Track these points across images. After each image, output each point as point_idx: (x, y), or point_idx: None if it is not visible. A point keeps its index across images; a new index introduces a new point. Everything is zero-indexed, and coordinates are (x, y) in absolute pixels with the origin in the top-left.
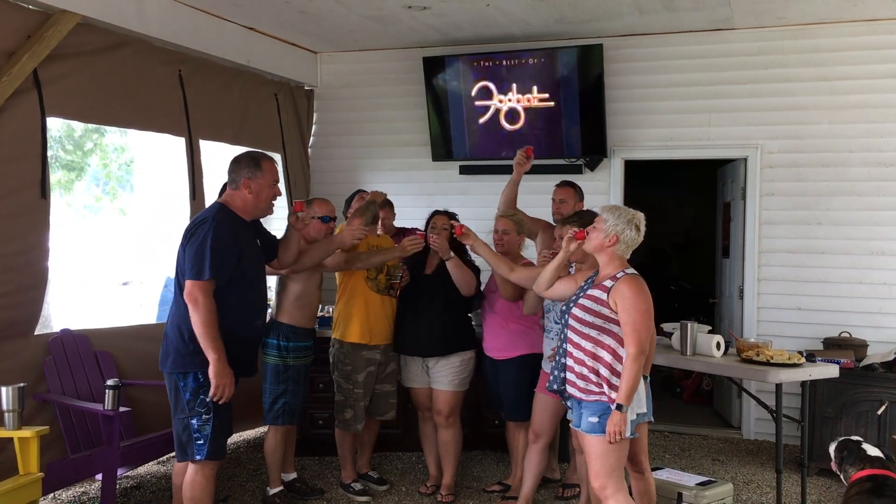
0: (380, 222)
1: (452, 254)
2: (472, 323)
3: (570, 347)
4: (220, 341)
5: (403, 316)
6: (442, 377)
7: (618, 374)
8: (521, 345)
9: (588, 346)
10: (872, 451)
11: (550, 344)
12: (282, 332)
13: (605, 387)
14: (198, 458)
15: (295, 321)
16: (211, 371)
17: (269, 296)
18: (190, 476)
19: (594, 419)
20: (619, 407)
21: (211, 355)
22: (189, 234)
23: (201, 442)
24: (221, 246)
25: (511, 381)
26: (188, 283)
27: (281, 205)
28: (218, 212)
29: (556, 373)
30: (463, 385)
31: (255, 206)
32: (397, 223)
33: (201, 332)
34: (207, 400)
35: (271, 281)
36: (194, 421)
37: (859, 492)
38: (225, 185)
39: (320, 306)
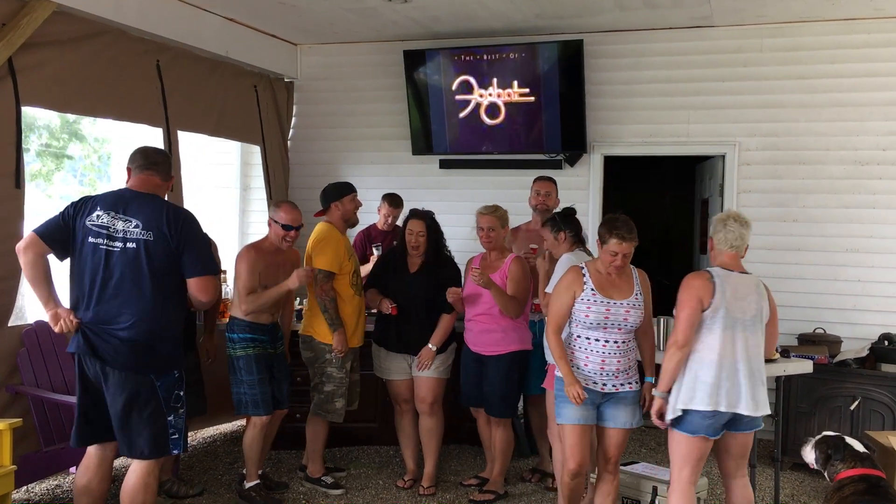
0: (387, 219)
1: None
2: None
3: None
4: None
5: (390, 314)
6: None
7: None
8: (514, 341)
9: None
10: (858, 446)
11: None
12: (229, 324)
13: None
14: (175, 451)
15: (239, 314)
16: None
17: None
18: (141, 478)
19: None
20: None
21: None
22: (187, 232)
23: (177, 436)
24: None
25: (501, 377)
26: (211, 279)
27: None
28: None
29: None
30: (447, 372)
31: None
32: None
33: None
34: (181, 394)
35: None
36: (171, 417)
37: (854, 492)
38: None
39: (296, 300)
